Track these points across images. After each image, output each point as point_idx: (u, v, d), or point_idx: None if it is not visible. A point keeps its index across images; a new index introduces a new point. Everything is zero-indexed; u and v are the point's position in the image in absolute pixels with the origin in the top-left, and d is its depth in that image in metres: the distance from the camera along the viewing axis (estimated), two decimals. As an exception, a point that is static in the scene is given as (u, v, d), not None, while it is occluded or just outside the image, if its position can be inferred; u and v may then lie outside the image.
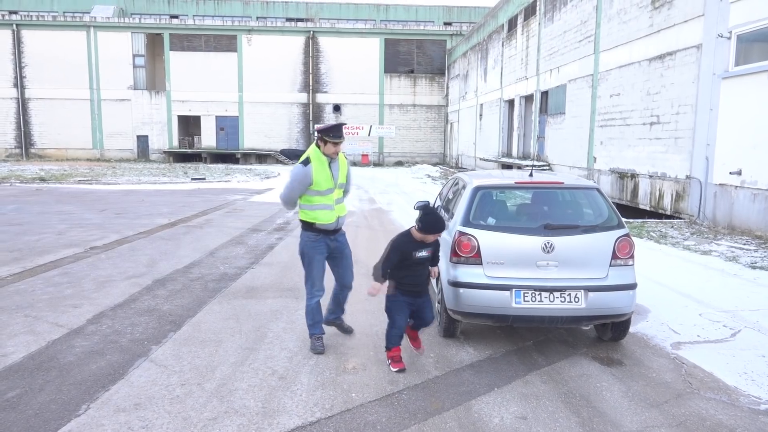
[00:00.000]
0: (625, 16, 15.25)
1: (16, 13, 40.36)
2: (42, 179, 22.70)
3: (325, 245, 4.61)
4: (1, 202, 14.88)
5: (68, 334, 5.00)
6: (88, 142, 38.85)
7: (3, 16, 38.46)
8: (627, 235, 4.79)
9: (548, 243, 4.63)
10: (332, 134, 4.48)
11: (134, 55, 38.66)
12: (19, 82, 37.81)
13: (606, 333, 4.98)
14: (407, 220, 12.53)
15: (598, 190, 5.23)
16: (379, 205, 15.95)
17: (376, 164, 38.87)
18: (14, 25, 37.54)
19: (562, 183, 5.34)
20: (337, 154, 4.57)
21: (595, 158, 17.21)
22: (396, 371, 4.28)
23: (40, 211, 13.37)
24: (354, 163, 36.34)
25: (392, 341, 4.37)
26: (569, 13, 19.17)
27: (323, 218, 4.51)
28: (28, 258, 8.18)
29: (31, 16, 39.22)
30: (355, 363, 4.44)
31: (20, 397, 3.76)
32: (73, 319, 5.39)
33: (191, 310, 5.77)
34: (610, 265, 4.67)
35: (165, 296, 6.26)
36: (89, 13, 41.44)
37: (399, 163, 39.45)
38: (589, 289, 4.57)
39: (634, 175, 14.79)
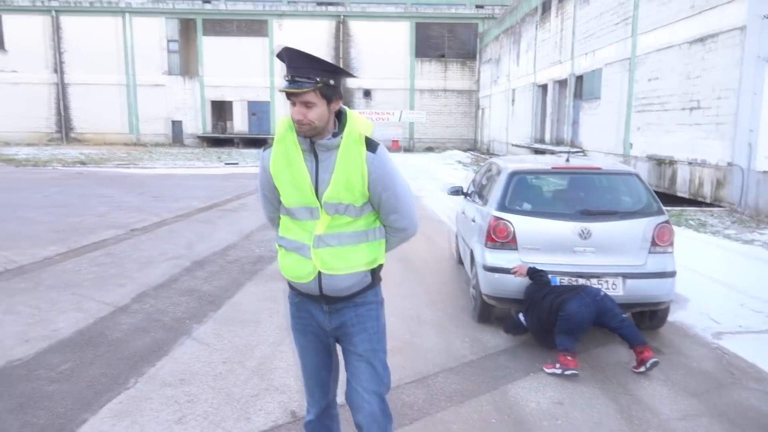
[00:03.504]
0: (666, -3, 14.77)
1: (54, -1, 41.23)
2: (82, 163, 23.35)
3: (310, 318, 2.41)
4: (46, 185, 15.39)
5: (114, 311, 5.19)
6: (124, 126, 39.71)
7: (42, 2, 39.36)
8: (666, 221, 4.72)
9: (585, 229, 4.59)
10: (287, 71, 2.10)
11: (168, 40, 39.20)
12: (59, 68, 38.77)
13: (644, 321, 4.92)
14: (438, 206, 12.52)
15: (637, 175, 5.15)
16: (409, 191, 15.94)
17: (407, 150, 38.75)
18: (53, 11, 38.42)
19: (600, 168, 5.28)
20: (306, 125, 2.11)
21: (631, 144, 16.83)
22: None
23: (81, 194, 13.78)
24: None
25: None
26: (607, -5, 18.64)
27: (287, 268, 2.33)
28: (73, 238, 8.47)
29: (69, 1, 40.03)
30: (390, 345, 4.48)
31: (72, 369, 3.94)
32: (118, 298, 5.59)
33: (229, 290, 5.92)
34: (649, 252, 4.62)
35: (204, 277, 6.43)
36: (124, -2, 42.07)
37: (429, 149, 39.25)
38: (626, 275, 4.53)
39: (672, 162, 14.43)
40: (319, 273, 2.26)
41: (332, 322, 2.37)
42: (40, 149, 31.38)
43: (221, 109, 41.12)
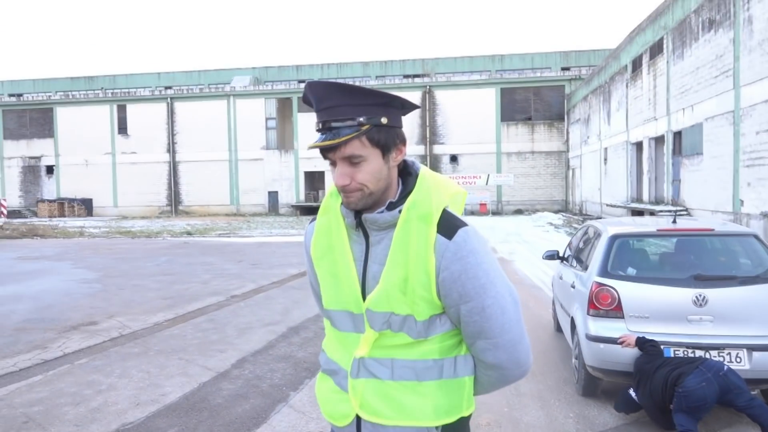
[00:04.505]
0: (770, 47, 14.00)
1: (170, 88, 46.18)
2: (188, 233, 25.12)
3: None
4: (156, 254, 16.65)
5: (216, 377, 5.38)
6: (226, 198, 42.60)
7: (160, 91, 44.23)
8: (796, 286, 4.26)
9: (700, 295, 4.24)
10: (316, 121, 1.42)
11: (267, 118, 42.27)
12: (171, 148, 42.78)
13: (777, 399, 4.38)
14: (532, 270, 12.12)
15: (756, 236, 4.74)
16: (500, 255, 15.62)
17: (495, 213, 38.34)
18: (168, 99, 42.90)
19: (713, 230, 4.92)
20: (355, 192, 1.40)
21: (742, 201, 15.62)
22: None
23: (187, 263, 14.73)
24: (472, 213, 36.01)
25: None
26: (701, 49, 18.00)
27: (319, 397, 1.61)
28: (180, 305, 9.00)
29: (182, 89, 44.61)
30: (489, 419, 4.29)
31: (178, 435, 4.08)
32: (219, 363, 5.80)
33: (324, 358, 5.96)
34: (778, 321, 4.16)
35: (299, 343, 6.55)
36: (229, 83, 46.28)
37: (518, 212, 38.57)
38: (753, 347, 4.09)
39: (792, 219, 13.17)
40: (358, 418, 1.45)
41: None
42: (152, 221, 34.20)
43: (313, 179, 43.13)
